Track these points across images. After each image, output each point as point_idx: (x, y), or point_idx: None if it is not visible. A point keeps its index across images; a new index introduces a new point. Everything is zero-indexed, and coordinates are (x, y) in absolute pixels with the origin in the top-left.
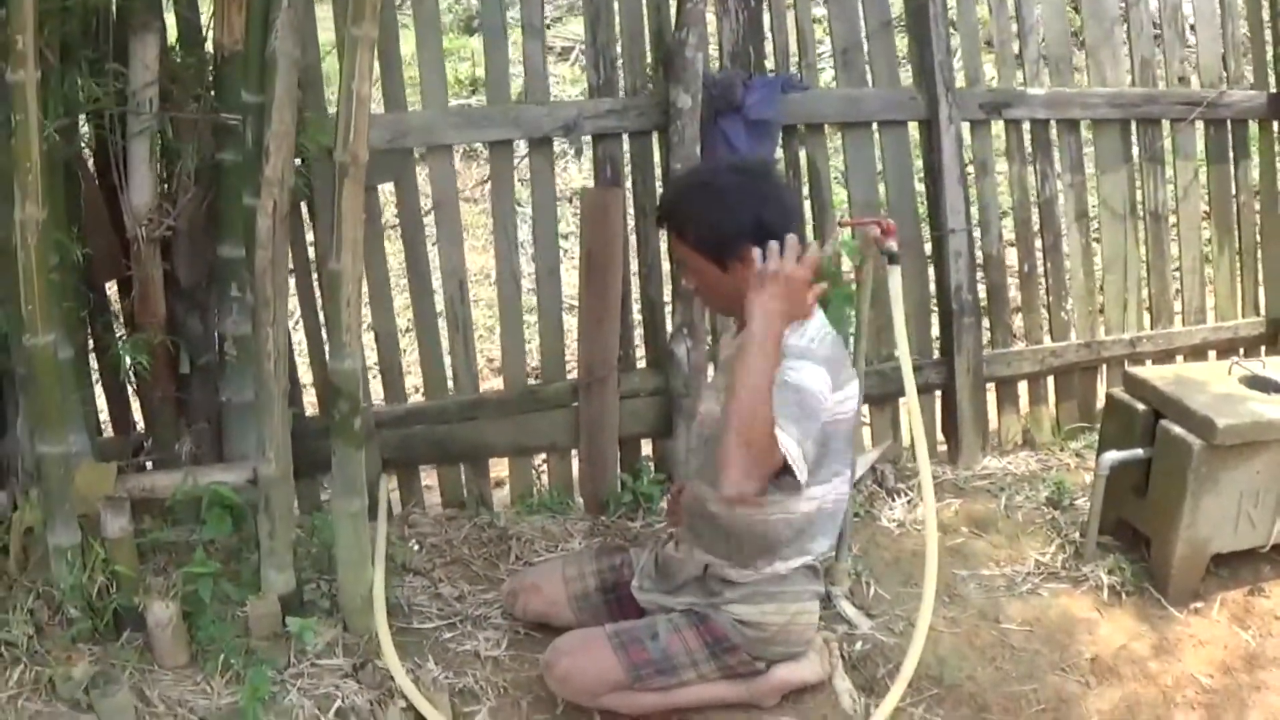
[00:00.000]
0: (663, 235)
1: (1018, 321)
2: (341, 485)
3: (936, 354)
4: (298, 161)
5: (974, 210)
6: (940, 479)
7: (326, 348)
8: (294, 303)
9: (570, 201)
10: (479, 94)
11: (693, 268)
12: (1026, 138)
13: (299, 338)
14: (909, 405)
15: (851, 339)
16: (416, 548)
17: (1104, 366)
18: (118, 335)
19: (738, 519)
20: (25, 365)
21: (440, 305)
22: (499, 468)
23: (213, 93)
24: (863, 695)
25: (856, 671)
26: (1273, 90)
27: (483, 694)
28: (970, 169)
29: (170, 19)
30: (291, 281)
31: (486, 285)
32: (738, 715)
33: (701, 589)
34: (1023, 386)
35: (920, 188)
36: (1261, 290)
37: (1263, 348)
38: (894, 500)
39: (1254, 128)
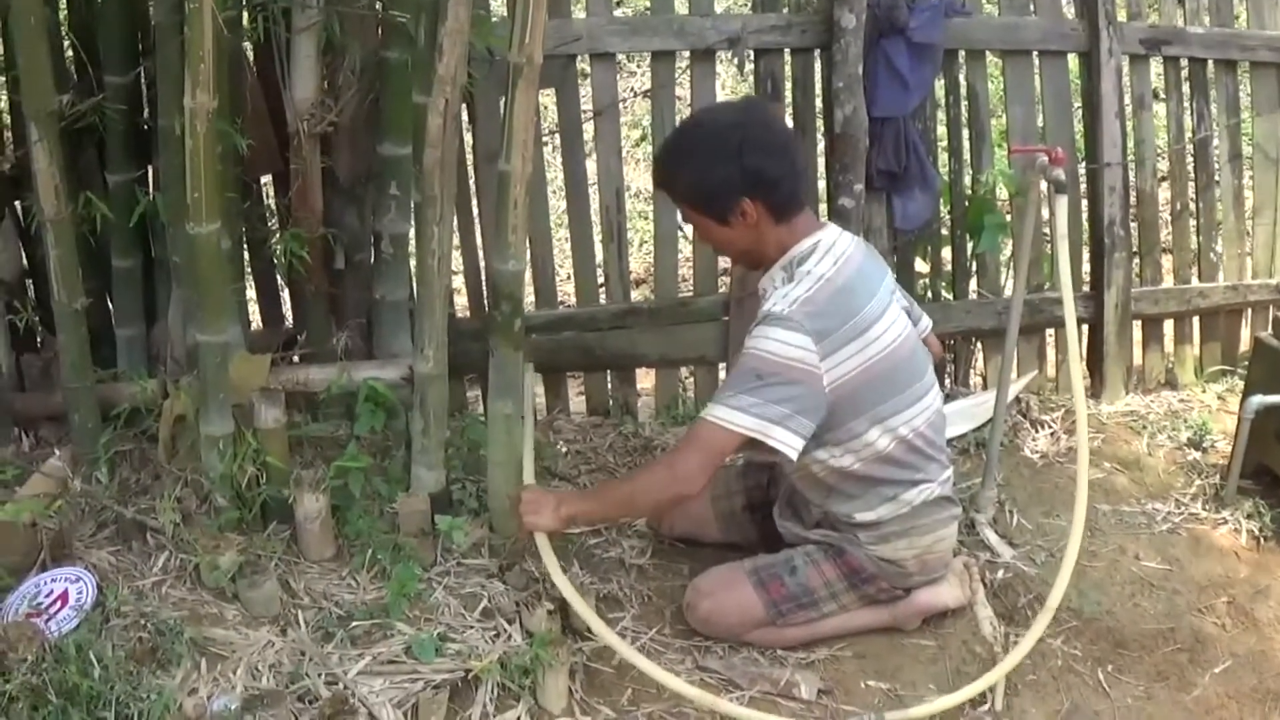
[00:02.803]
0: None
1: (1166, 260)
2: (498, 386)
3: (1086, 288)
4: None
5: (1129, 146)
6: None
7: (480, 249)
8: None
9: None
10: (623, 6)
11: (698, 226)
12: (1184, 76)
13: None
14: (1069, 340)
15: (1008, 269)
16: (564, 451)
17: (1249, 310)
18: (271, 229)
19: (798, 476)
20: (185, 254)
21: (595, 213)
22: (643, 378)
23: None
24: (1002, 623)
25: (997, 599)
26: None
27: (627, 601)
28: (1127, 104)
29: None
30: None
31: (627, 198)
32: (879, 637)
33: (832, 527)
34: (1168, 325)
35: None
36: None
37: None
38: (1037, 431)
39: None
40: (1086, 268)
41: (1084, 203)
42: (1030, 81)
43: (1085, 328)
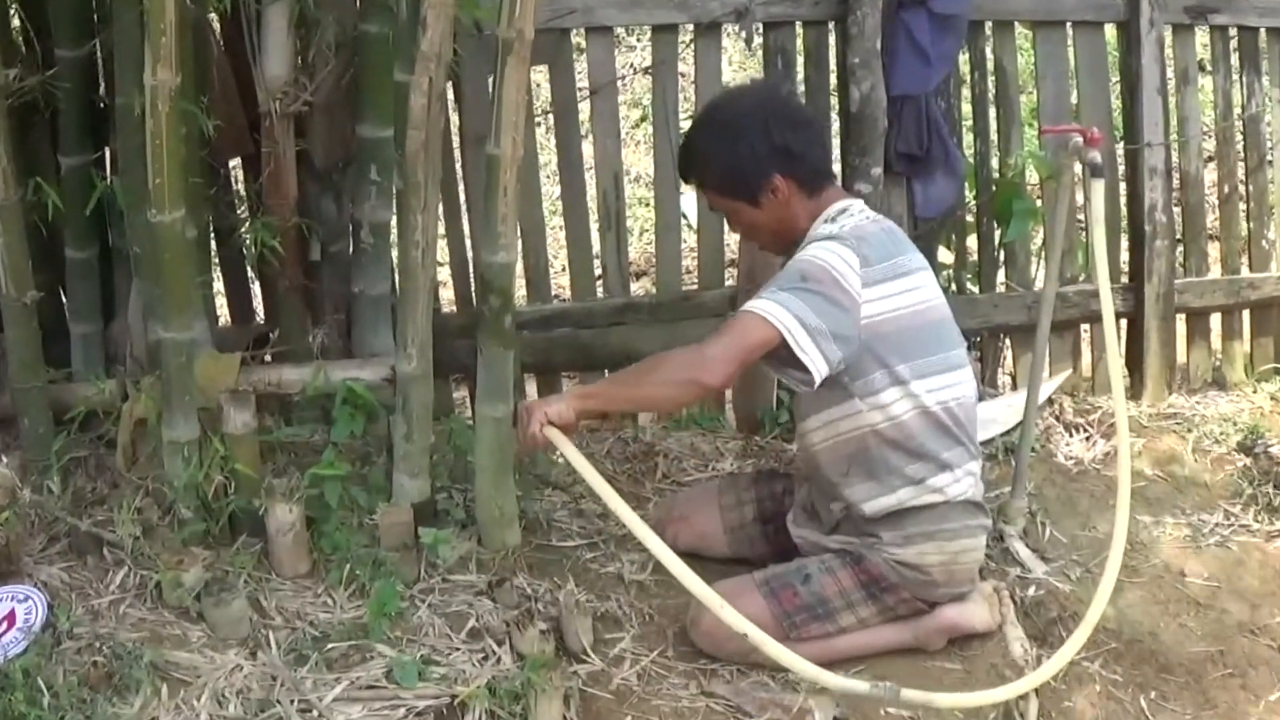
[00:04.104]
0: None
1: (1212, 249)
2: (486, 387)
3: (1125, 279)
4: None
5: (1171, 124)
6: None
7: (467, 239)
8: None
9: None
10: None
11: (729, 212)
12: (1233, 46)
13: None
14: (1107, 337)
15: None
16: (560, 460)
17: None
18: (241, 217)
19: (822, 444)
20: (146, 244)
21: (592, 199)
22: None
23: None
24: (1034, 644)
25: (1028, 619)
26: None
27: (626, 620)
28: (1170, 78)
29: None
30: None
31: (627, 183)
32: (900, 658)
33: (853, 528)
34: (1215, 319)
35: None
36: None
37: None
38: (1071, 436)
39: None
40: (1125, 257)
41: (1122, 186)
42: (1064, 55)
43: (1124, 323)
